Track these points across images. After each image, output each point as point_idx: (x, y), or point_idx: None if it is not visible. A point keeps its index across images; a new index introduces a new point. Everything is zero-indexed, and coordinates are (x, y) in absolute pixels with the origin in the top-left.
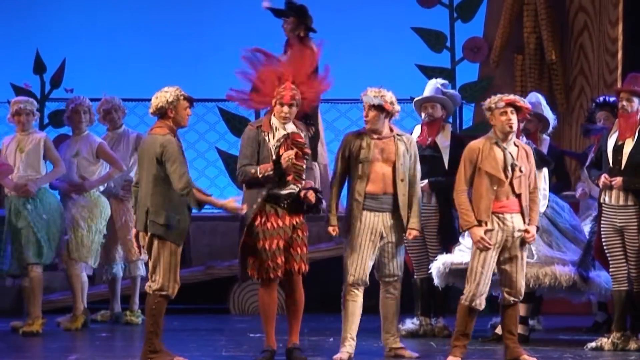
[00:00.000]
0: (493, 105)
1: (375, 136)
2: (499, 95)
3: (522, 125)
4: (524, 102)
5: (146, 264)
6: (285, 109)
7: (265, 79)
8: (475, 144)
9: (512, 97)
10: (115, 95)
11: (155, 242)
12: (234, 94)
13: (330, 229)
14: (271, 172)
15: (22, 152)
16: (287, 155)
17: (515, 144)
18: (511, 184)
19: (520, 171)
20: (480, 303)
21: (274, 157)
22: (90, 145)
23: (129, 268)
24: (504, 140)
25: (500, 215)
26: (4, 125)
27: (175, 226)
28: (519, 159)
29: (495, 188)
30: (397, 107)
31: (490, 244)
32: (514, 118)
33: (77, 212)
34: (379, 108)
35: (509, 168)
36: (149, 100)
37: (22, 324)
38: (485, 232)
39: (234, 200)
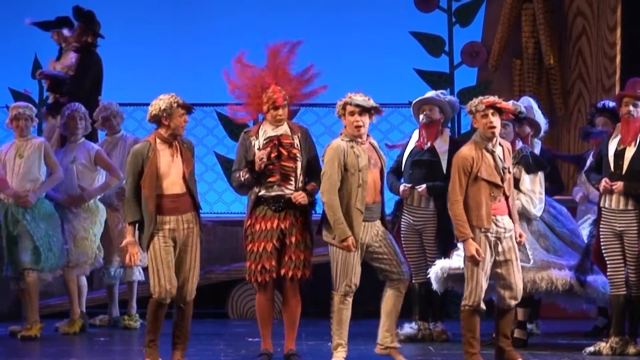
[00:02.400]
0: (474, 109)
1: (359, 142)
2: (479, 98)
3: (516, 128)
4: (505, 103)
5: (144, 269)
6: (280, 111)
7: (249, 90)
8: (466, 152)
9: (492, 99)
10: (113, 99)
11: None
12: (232, 114)
13: (350, 241)
14: (247, 175)
15: (22, 158)
16: (258, 156)
17: (500, 144)
18: (502, 186)
19: (509, 172)
20: (482, 303)
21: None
22: (87, 153)
23: (125, 273)
24: (490, 143)
25: (493, 217)
26: (2, 130)
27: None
28: (506, 160)
29: (493, 194)
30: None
31: (481, 257)
32: (495, 120)
33: (78, 223)
34: (370, 112)
35: (501, 172)
36: (147, 104)
37: (20, 329)
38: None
39: (133, 244)
